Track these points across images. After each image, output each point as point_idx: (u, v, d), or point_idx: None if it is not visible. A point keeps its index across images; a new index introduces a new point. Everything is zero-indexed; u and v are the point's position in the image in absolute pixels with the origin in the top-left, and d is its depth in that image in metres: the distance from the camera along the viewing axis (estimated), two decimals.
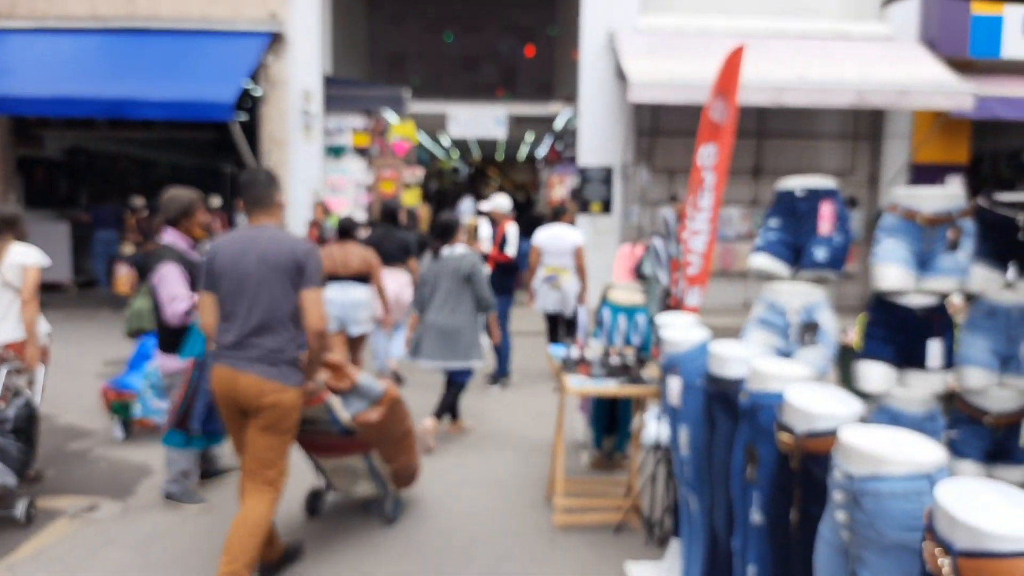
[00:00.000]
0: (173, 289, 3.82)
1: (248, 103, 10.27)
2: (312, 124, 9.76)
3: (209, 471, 4.41)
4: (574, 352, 4.12)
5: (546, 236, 6.57)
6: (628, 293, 4.75)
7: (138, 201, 10.48)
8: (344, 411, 3.41)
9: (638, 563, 3.45)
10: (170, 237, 4.02)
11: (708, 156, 5.11)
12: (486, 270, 6.61)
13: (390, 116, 10.81)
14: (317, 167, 9.85)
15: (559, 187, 11.26)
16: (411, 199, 10.82)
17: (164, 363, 3.99)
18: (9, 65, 8.98)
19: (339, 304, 5.67)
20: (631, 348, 4.19)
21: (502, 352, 6.57)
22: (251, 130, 9.87)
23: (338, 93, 10.04)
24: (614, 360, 3.96)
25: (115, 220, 10.95)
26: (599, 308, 4.88)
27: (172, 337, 3.90)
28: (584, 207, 10.11)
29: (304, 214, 9.42)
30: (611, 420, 4.78)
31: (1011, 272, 3.02)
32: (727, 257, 10.03)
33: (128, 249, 9.42)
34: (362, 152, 10.14)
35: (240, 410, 3.01)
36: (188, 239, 4.06)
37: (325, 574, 3.35)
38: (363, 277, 5.72)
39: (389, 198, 8.90)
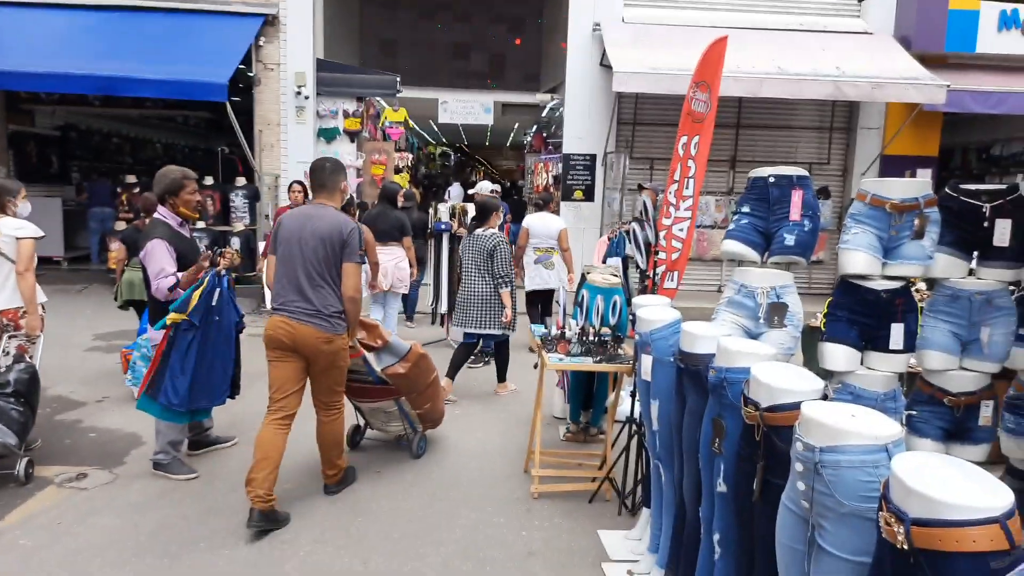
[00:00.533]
0: (160, 264, 3.89)
1: (242, 84, 10.27)
2: (305, 107, 9.80)
3: (200, 443, 4.49)
4: (554, 331, 4.27)
5: (534, 220, 6.93)
6: (606, 275, 4.89)
7: (130, 178, 10.55)
8: (377, 364, 4.18)
9: (610, 531, 3.61)
10: (161, 213, 4.08)
11: (691, 146, 5.25)
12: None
13: (382, 102, 10.85)
14: (309, 149, 9.91)
15: (544, 174, 11.37)
16: (401, 183, 10.89)
17: (154, 335, 4.05)
18: (0, 40, 8.90)
19: None
20: (608, 327, 4.32)
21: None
22: (245, 111, 9.87)
23: (330, 77, 10.06)
24: (591, 339, 4.10)
25: (110, 197, 11.02)
26: (578, 289, 5.03)
27: (163, 310, 3.97)
28: (568, 194, 10.25)
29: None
30: (588, 396, 4.94)
31: (974, 259, 3.17)
32: (703, 244, 10.22)
33: (120, 226, 9.45)
34: (353, 136, 10.21)
35: (292, 352, 3.61)
36: (178, 216, 4.12)
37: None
38: None
39: (388, 181, 9.05)
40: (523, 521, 3.74)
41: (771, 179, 3.37)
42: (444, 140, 23.31)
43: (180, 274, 3.92)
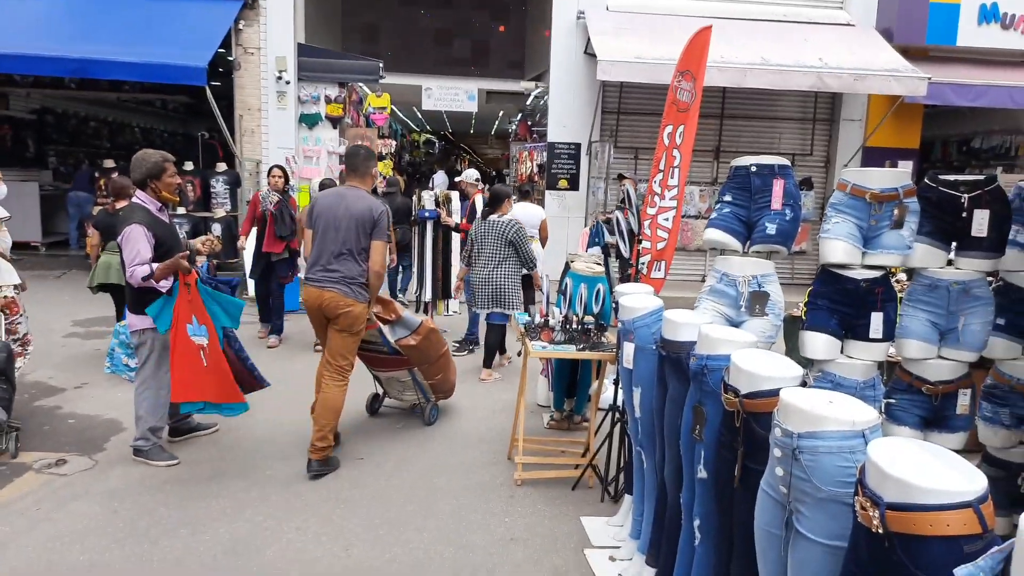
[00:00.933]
0: (135, 250, 3.82)
1: (222, 68, 10.13)
2: (286, 92, 9.70)
3: (180, 429, 4.46)
4: (537, 319, 4.28)
5: (518, 209, 6.93)
6: (589, 264, 4.90)
7: (108, 163, 10.42)
8: (391, 336, 4.58)
9: (593, 518, 3.63)
10: (140, 198, 4.02)
11: (676, 136, 5.25)
12: (457, 239, 7.36)
13: (365, 88, 10.76)
14: (291, 135, 9.83)
15: (529, 162, 11.35)
16: (383, 170, 10.83)
17: (133, 321, 4.01)
18: None
19: None
20: (591, 316, 4.33)
21: (470, 318, 6.78)
22: (225, 96, 9.74)
23: (312, 62, 9.95)
24: (575, 327, 4.11)
25: (89, 181, 10.89)
26: (562, 277, 5.04)
27: (141, 295, 3.92)
28: (552, 183, 10.24)
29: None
30: (571, 384, 4.96)
31: (952, 249, 3.20)
32: (687, 234, 10.27)
33: (98, 211, 9.36)
34: (335, 122, 10.14)
35: (324, 317, 4.05)
36: (157, 201, 4.06)
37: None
38: None
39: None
40: (506, 507, 3.76)
41: (753, 168, 3.37)
42: (428, 128, 23.18)
43: (155, 265, 3.86)
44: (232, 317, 4.20)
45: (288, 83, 9.71)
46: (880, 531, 1.40)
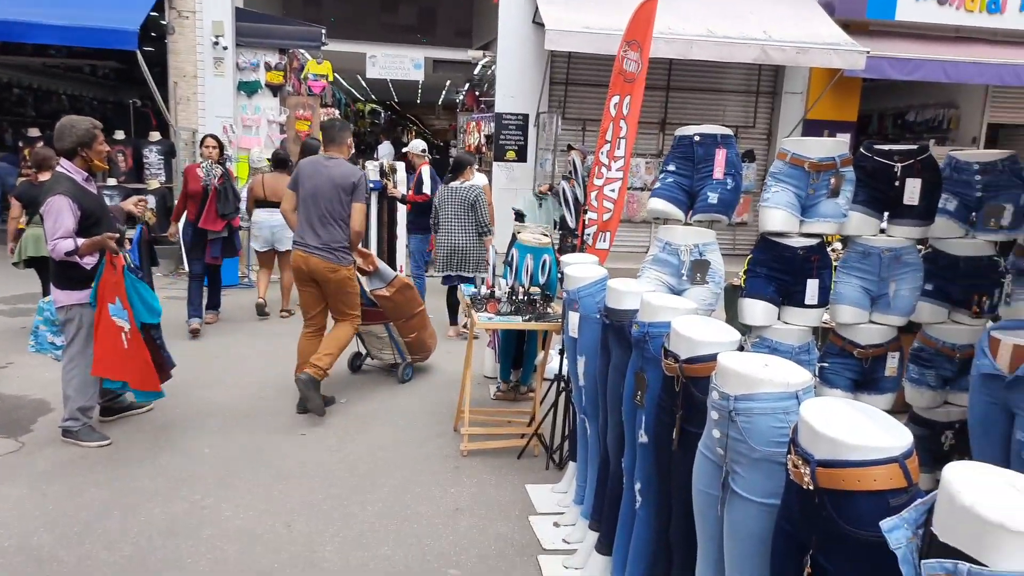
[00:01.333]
0: (59, 222, 3.62)
1: (155, 33, 9.66)
2: (223, 58, 9.32)
3: (112, 408, 4.30)
4: (483, 290, 4.25)
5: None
6: (536, 235, 4.88)
7: (33, 132, 9.91)
8: (367, 286, 4.90)
9: (537, 486, 3.66)
10: (66, 168, 3.80)
11: (623, 106, 5.24)
12: (403, 210, 7.45)
13: (306, 55, 10.43)
14: (228, 103, 9.47)
15: (476, 133, 11.21)
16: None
17: (59, 297, 3.82)
18: None
19: (267, 226, 6.71)
20: (537, 286, 4.33)
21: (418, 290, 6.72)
22: (158, 62, 9.30)
23: (251, 27, 9.57)
24: (521, 297, 4.09)
25: (13, 152, 10.37)
26: (508, 248, 5.01)
27: (65, 270, 3.74)
28: (500, 154, 10.15)
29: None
30: (518, 355, 4.97)
31: (885, 218, 3.28)
32: (633, 205, 10.33)
33: (20, 182, 8.88)
34: (275, 90, 9.81)
35: (311, 280, 4.43)
36: (84, 171, 3.85)
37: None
38: None
39: (309, 138, 8.77)
40: (451, 478, 3.75)
41: (696, 138, 3.38)
42: (373, 97, 22.69)
43: (80, 240, 3.66)
44: (153, 312, 4.06)
45: (226, 49, 9.33)
46: (811, 488, 1.42)
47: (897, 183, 3.17)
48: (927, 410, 3.39)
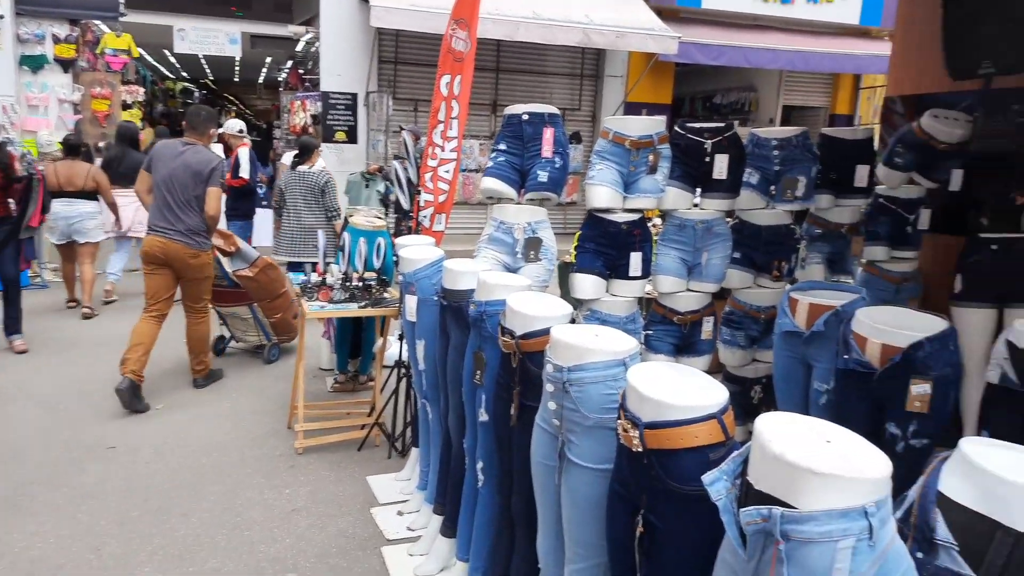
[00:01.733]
0: None
1: None
2: (1, 29, 8.15)
3: None
4: (314, 278, 4.03)
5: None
6: (369, 218, 4.72)
7: None
8: (229, 267, 4.85)
9: (379, 476, 3.56)
10: None
11: (453, 86, 5.18)
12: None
13: (102, 26, 9.36)
14: (9, 80, 8.35)
15: (302, 113, 10.67)
16: (130, 119, 9.55)
17: None
18: None
19: (64, 217, 6.25)
20: (373, 271, 4.19)
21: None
22: None
23: None
24: (355, 284, 3.94)
25: None
26: (340, 232, 4.82)
27: None
28: (329, 135, 9.75)
29: None
30: (355, 344, 4.79)
31: (698, 192, 3.50)
32: (468, 187, 10.38)
33: None
34: (66, 65, 8.73)
35: (164, 266, 4.35)
36: None
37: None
38: (90, 193, 6.29)
39: (123, 121, 8.01)
40: (286, 478, 3.55)
41: (525, 116, 3.41)
42: (185, 74, 20.96)
43: None
44: None
45: (3, 18, 8.17)
46: (640, 449, 1.47)
47: (707, 159, 3.38)
48: (738, 368, 3.68)
